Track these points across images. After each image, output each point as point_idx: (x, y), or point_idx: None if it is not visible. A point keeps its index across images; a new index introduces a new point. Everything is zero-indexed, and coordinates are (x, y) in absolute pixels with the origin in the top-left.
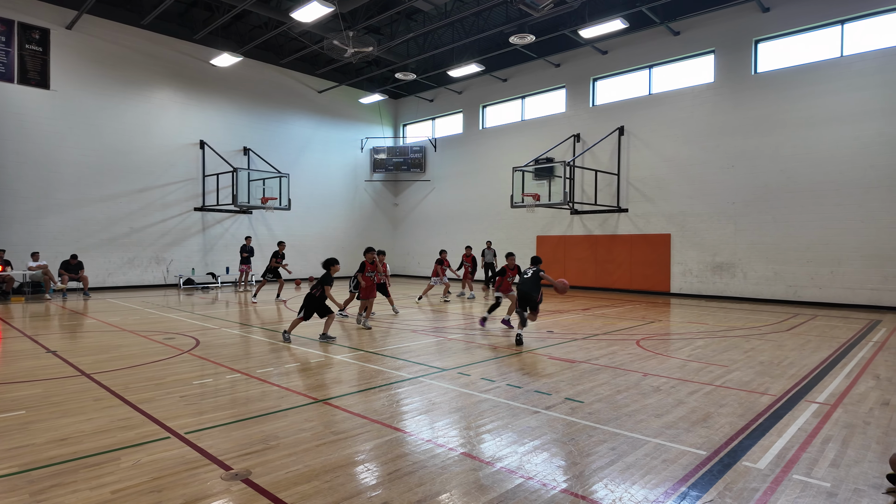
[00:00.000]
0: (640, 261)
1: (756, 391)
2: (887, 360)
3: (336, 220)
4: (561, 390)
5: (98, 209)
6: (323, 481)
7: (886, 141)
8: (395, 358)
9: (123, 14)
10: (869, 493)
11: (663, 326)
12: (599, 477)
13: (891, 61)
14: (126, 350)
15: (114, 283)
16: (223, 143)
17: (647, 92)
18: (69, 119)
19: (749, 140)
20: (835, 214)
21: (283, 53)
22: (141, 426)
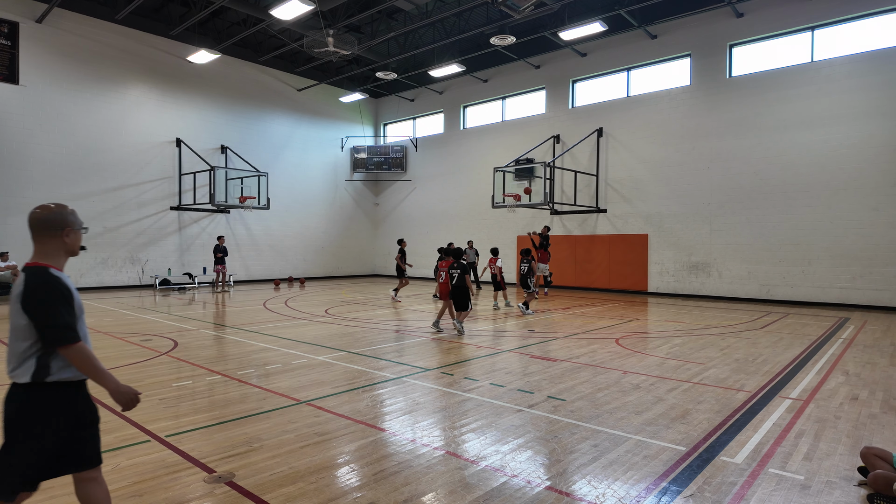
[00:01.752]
0: (618, 260)
1: (732, 388)
2: (856, 357)
3: (316, 219)
4: (543, 389)
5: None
6: (308, 483)
7: (853, 144)
8: (378, 358)
9: (96, 8)
10: (840, 485)
11: (641, 325)
12: (582, 474)
13: (858, 67)
14: (101, 353)
15: (87, 283)
16: (200, 142)
17: (625, 94)
18: (39, 115)
19: (724, 142)
20: (805, 215)
21: (262, 51)
22: (119, 430)
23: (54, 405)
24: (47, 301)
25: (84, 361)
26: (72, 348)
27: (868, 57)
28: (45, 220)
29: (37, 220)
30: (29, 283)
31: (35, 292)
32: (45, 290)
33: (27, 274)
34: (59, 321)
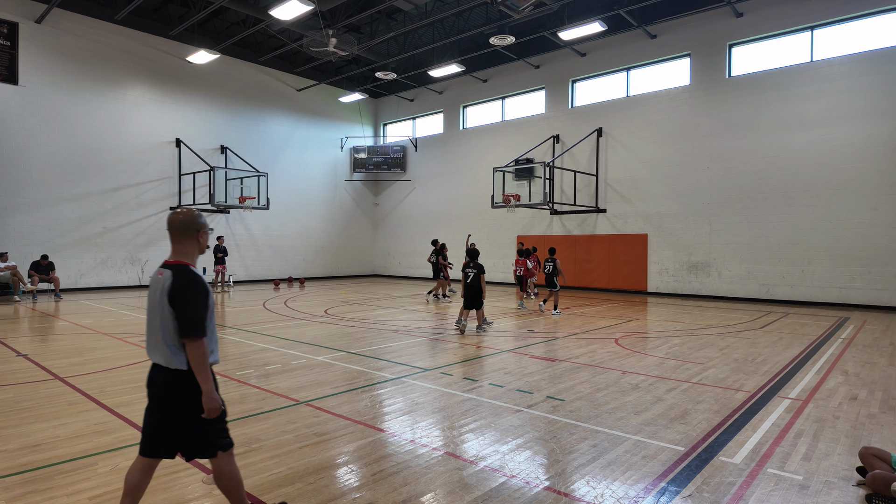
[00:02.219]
0: (617, 260)
1: (731, 388)
2: (855, 357)
3: (315, 219)
4: (542, 389)
5: (69, 208)
6: (307, 483)
7: (853, 144)
8: (377, 358)
9: (96, 8)
10: (839, 485)
11: (641, 325)
12: (581, 474)
13: (857, 67)
14: (101, 353)
15: (86, 284)
16: (200, 142)
17: (624, 94)
18: (39, 116)
19: (723, 142)
20: (805, 215)
21: (262, 51)
22: (118, 430)
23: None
24: (192, 296)
25: (200, 356)
26: (196, 341)
27: (867, 57)
28: (185, 222)
29: (178, 222)
30: (177, 280)
31: (184, 288)
32: (191, 286)
33: (174, 272)
34: (197, 315)
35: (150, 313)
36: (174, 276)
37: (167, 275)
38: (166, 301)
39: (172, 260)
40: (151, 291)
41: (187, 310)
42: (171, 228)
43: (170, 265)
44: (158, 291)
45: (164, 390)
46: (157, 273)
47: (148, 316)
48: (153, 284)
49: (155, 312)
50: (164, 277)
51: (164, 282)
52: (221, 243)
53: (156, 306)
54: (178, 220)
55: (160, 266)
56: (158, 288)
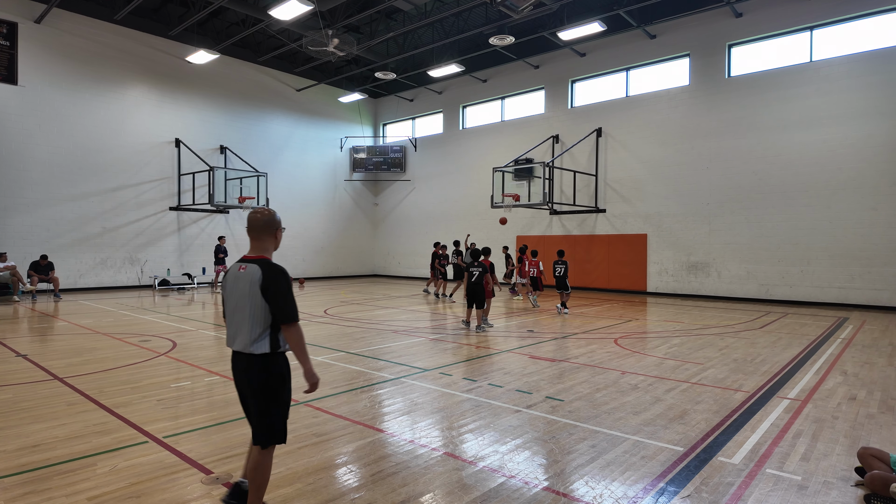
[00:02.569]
0: (617, 260)
1: (730, 388)
2: (854, 357)
3: (315, 219)
4: (541, 389)
5: (69, 208)
6: (306, 483)
7: (852, 144)
8: (377, 359)
9: (95, 8)
10: (838, 485)
11: (640, 325)
12: (580, 474)
13: (856, 67)
14: (100, 353)
15: (86, 284)
16: (199, 142)
17: (624, 94)
18: (38, 115)
19: (723, 142)
20: (804, 215)
21: (261, 51)
22: (117, 431)
23: (288, 369)
24: (284, 287)
25: (298, 338)
26: (293, 326)
27: (867, 57)
28: (267, 221)
29: (261, 221)
30: (266, 273)
31: (275, 280)
32: (282, 278)
33: (262, 266)
34: (291, 303)
35: (233, 305)
36: (263, 270)
37: (254, 269)
38: (258, 292)
39: (254, 255)
40: (234, 284)
41: (283, 299)
42: (254, 226)
43: (254, 260)
44: (247, 284)
45: (245, 374)
46: (239, 268)
47: (230, 308)
48: (237, 278)
49: (243, 303)
50: (252, 271)
51: (253, 275)
52: (223, 243)
53: (245, 297)
54: (260, 219)
55: (240, 262)
56: (246, 281)
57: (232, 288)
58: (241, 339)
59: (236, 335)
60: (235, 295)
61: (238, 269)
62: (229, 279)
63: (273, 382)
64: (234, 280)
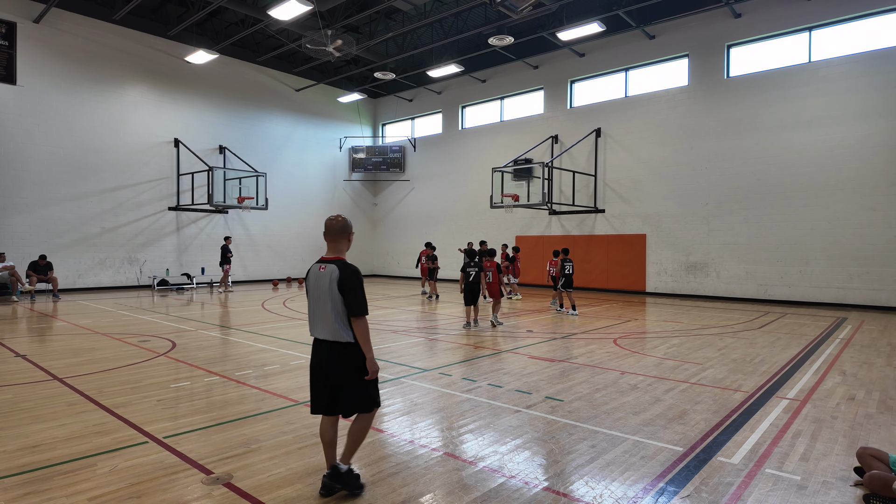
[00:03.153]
0: (616, 260)
1: (729, 388)
2: (853, 357)
3: (314, 219)
4: (541, 389)
5: (67, 209)
6: (306, 484)
7: (851, 144)
8: (377, 359)
9: (94, 8)
10: (837, 485)
11: (639, 325)
12: (580, 474)
13: (855, 67)
14: (99, 353)
15: (85, 284)
16: (198, 142)
17: (623, 94)
18: (37, 115)
19: (721, 142)
20: (803, 215)
21: (260, 51)
22: (117, 431)
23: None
24: (357, 285)
25: (364, 331)
26: (361, 319)
27: (865, 57)
28: (344, 226)
29: (339, 226)
30: (344, 272)
31: (349, 278)
32: (355, 277)
33: (339, 266)
34: (361, 299)
35: (316, 299)
36: (341, 270)
37: (332, 268)
38: (336, 288)
39: (332, 256)
40: (316, 281)
41: (354, 296)
42: (331, 230)
43: (332, 261)
44: (327, 281)
45: (335, 360)
46: (319, 267)
47: (313, 302)
48: (318, 276)
49: (325, 298)
50: (331, 270)
51: (332, 274)
52: (228, 244)
53: (326, 293)
54: (336, 225)
55: (319, 262)
56: (326, 278)
57: (314, 284)
58: (327, 329)
59: (321, 325)
60: (317, 290)
61: (318, 269)
62: (311, 276)
63: (362, 364)
64: (315, 277)
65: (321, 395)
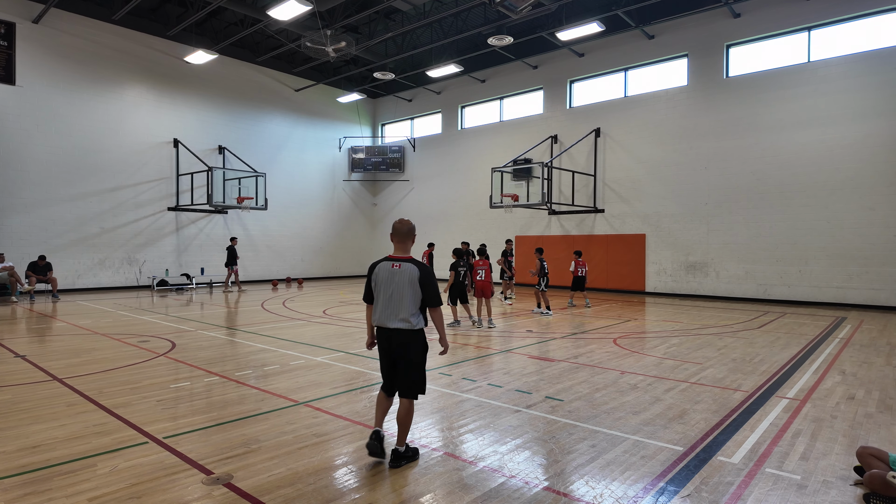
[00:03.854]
0: (615, 260)
1: (729, 388)
2: (852, 356)
3: (314, 219)
4: (541, 389)
5: (67, 209)
6: (306, 484)
7: (850, 144)
8: (376, 359)
9: (93, 8)
10: (837, 484)
11: (639, 325)
12: (580, 474)
13: (854, 67)
14: (99, 354)
15: (84, 284)
16: (198, 142)
17: (622, 94)
18: (36, 116)
19: (721, 142)
20: (802, 215)
21: (260, 51)
22: (117, 431)
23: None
24: (433, 281)
25: (441, 318)
26: (438, 309)
27: (864, 57)
28: (410, 229)
29: (406, 229)
30: (422, 270)
31: (428, 276)
32: (431, 274)
33: (416, 264)
34: (437, 293)
35: (391, 293)
36: (419, 268)
37: (409, 266)
38: (417, 284)
39: (404, 256)
40: (391, 277)
41: (432, 290)
42: (401, 232)
43: (405, 259)
44: (406, 278)
45: (406, 346)
46: (391, 265)
47: (387, 295)
48: (392, 272)
49: (403, 292)
50: (408, 268)
51: (412, 272)
52: (234, 244)
53: (403, 288)
54: (405, 227)
55: (390, 260)
56: (405, 275)
57: (388, 280)
58: (401, 319)
59: (395, 315)
60: (393, 285)
61: (391, 266)
62: (382, 272)
63: (424, 349)
64: (389, 274)
65: (387, 374)
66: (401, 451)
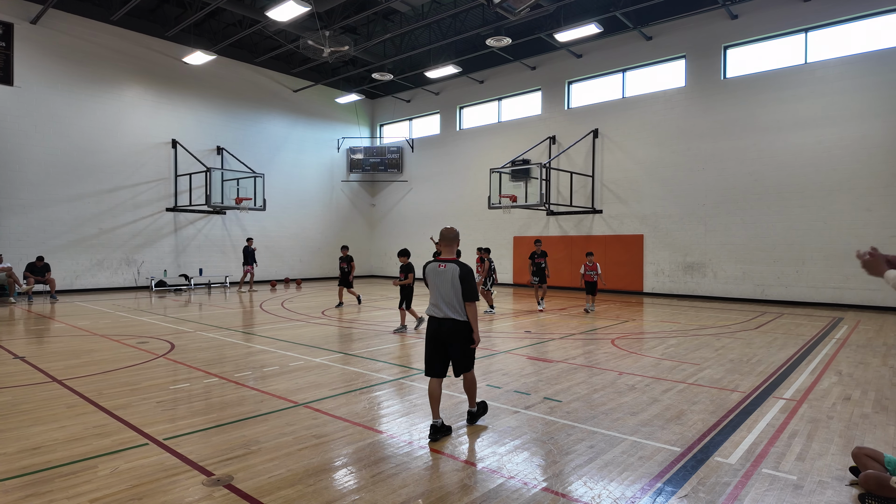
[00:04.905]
0: (614, 261)
1: (727, 388)
2: (849, 357)
3: (312, 220)
4: (539, 390)
5: (64, 209)
6: (307, 485)
7: (847, 145)
8: (375, 360)
9: (91, 9)
10: (833, 484)
11: (637, 325)
12: (578, 475)
13: (851, 68)
14: (98, 355)
15: (82, 285)
16: (196, 143)
17: (620, 95)
18: (34, 116)
19: (718, 143)
20: (799, 216)
21: (258, 52)
22: (117, 433)
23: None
24: (472, 279)
25: (475, 312)
26: (473, 304)
27: (861, 58)
28: (456, 235)
29: (453, 235)
30: (463, 270)
31: (468, 274)
32: (470, 273)
33: (459, 265)
34: (474, 289)
35: (441, 289)
36: (461, 268)
37: (454, 266)
38: (458, 281)
39: (450, 258)
40: (440, 275)
41: (470, 286)
42: (448, 237)
43: (450, 261)
44: (451, 276)
45: (454, 333)
46: (439, 265)
47: (439, 290)
48: (439, 272)
49: (449, 287)
50: (452, 268)
51: (455, 270)
52: (251, 245)
53: (449, 285)
54: (451, 233)
55: (437, 261)
56: (450, 273)
57: (437, 277)
58: (450, 310)
59: (445, 308)
60: (441, 282)
61: (438, 266)
62: (432, 272)
63: (469, 334)
64: (438, 273)
65: (437, 360)
66: (474, 412)
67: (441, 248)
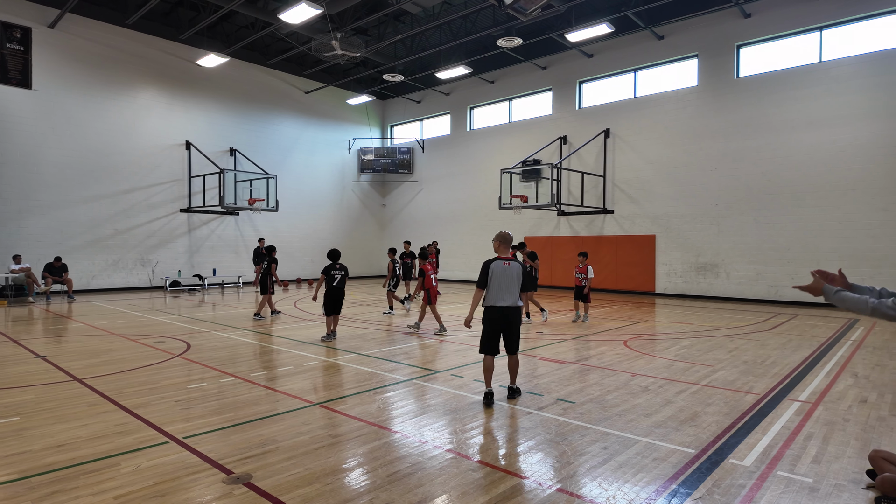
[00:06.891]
0: (625, 261)
1: (741, 390)
2: (865, 359)
3: (323, 220)
4: (552, 391)
5: (81, 211)
6: (324, 484)
7: (861, 145)
8: (388, 360)
9: (107, 13)
10: (849, 487)
11: (650, 326)
12: (593, 476)
13: (866, 67)
14: (116, 354)
15: (98, 285)
16: (209, 144)
17: (632, 95)
18: (51, 119)
19: (731, 143)
20: (813, 216)
21: (270, 54)
22: (138, 431)
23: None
24: (528, 274)
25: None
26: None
27: (877, 57)
28: (511, 238)
29: (509, 238)
30: (522, 267)
31: (526, 271)
32: (527, 270)
33: (518, 263)
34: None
35: (506, 282)
36: (521, 265)
37: (516, 264)
38: (519, 275)
39: (508, 256)
40: (505, 271)
41: (528, 280)
42: (507, 239)
43: (510, 259)
44: (514, 272)
45: (514, 318)
46: (503, 263)
47: (502, 283)
48: (504, 268)
49: (514, 282)
50: (514, 266)
51: (517, 268)
52: (263, 245)
53: (514, 279)
54: (508, 236)
55: (500, 260)
56: (513, 270)
57: (502, 273)
58: (512, 299)
59: (508, 297)
60: (506, 277)
61: (503, 264)
62: (498, 268)
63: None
64: (502, 269)
65: (496, 339)
66: (514, 388)
67: (498, 247)
